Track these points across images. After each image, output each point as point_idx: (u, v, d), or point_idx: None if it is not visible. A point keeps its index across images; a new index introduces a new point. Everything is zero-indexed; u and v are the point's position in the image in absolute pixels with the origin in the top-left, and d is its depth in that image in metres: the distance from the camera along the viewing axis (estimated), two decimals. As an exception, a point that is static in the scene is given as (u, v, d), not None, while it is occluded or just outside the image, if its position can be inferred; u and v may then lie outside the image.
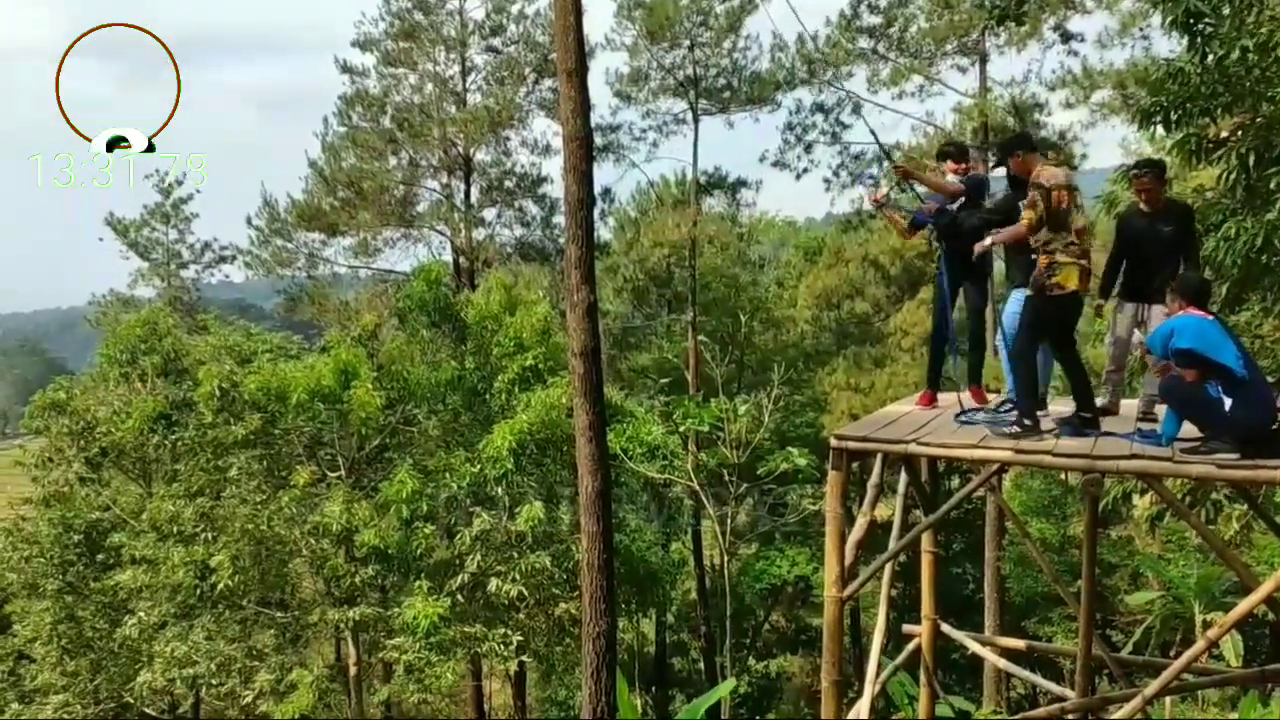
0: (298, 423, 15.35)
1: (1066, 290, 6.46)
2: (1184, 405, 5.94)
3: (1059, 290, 6.46)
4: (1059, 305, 6.56)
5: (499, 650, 14.48)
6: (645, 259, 27.51)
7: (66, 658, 17.22)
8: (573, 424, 9.74)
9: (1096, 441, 6.31)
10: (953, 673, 22.02)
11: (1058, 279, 6.45)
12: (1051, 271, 6.47)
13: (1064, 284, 6.44)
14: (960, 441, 6.60)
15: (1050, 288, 6.48)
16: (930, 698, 9.28)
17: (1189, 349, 5.74)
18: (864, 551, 7.52)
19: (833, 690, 7.33)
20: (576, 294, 8.95)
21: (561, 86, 9.31)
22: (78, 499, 17.75)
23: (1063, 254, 6.44)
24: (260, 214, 24.34)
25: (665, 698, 27.21)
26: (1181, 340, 5.78)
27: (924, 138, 22.68)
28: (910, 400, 8.62)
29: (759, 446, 17.31)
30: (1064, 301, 6.53)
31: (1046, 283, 6.49)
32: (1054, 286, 6.46)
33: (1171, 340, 5.85)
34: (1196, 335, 5.77)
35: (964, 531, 25.47)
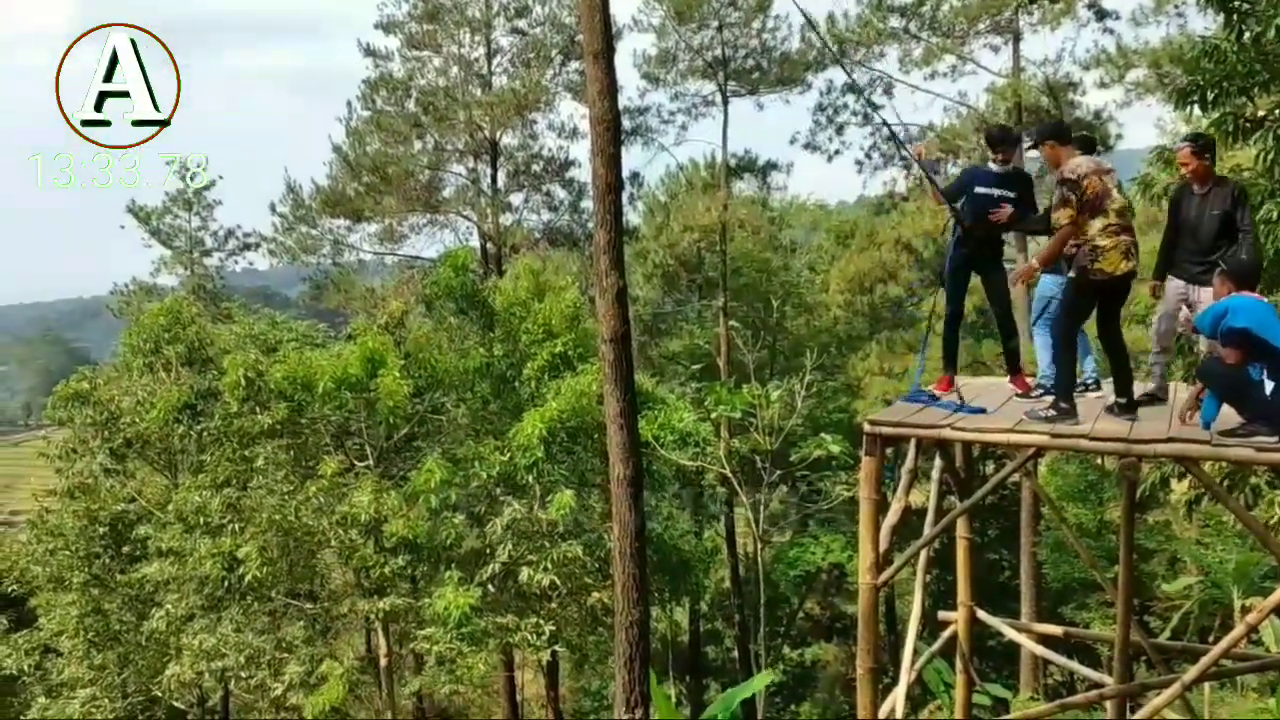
0: (325, 412, 15.51)
1: (1109, 274, 6.50)
2: (1224, 388, 5.98)
3: (1102, 275, 6.51)
4: (1101, 289, 6.61)
5: (531, 640, 14.54)
6: (675, 243, 27.60)
7: (94, 651, 17.28)
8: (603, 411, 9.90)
9: (1133, 425, 6.37)
10: (989, 660, 22.09)
11: (1100, 264, 6.49)
12: (1095, 256, 6.51)
13: (1106, 268, 6.48)
14: (995, 425, 6.69)
15: (1094, 272, 6.52)
16: (966, 685, 9.37)
17: (1244, 328, 5.74)
18: (898, 538, 7.62)
19: (868, 678, 7.44)
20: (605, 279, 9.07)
21: (588, 68, 9.41)
22: (102, 490, 17.80)
23: (1103, 237, 6.47)
24: (284, 200, 24.65)
25: (699, 687, 27.45)
26: (1237, 320, 5.78)
27: (957, 118, 22.62)
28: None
29: (792, 433, 17.40)
30: (1106, 285, 6.58)
31: (1090, 267, 6.53)
32: (1097, 271, 6.51)
33: (1225, 320, 5.85)
34: (1253, 316, 5.78)
35: (1000, 517, 25.47)
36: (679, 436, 16.81)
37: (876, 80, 23.79)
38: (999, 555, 25.65)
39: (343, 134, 23.79)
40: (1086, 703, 8.82)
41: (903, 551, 7.86)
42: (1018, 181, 7.84)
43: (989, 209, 7.71)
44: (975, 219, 7.79)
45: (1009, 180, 7.77)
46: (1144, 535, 20.17)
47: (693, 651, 28.26)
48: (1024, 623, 14.29)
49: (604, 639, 16.15)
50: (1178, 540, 20.04)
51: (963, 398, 7.48)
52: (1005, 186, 7.74)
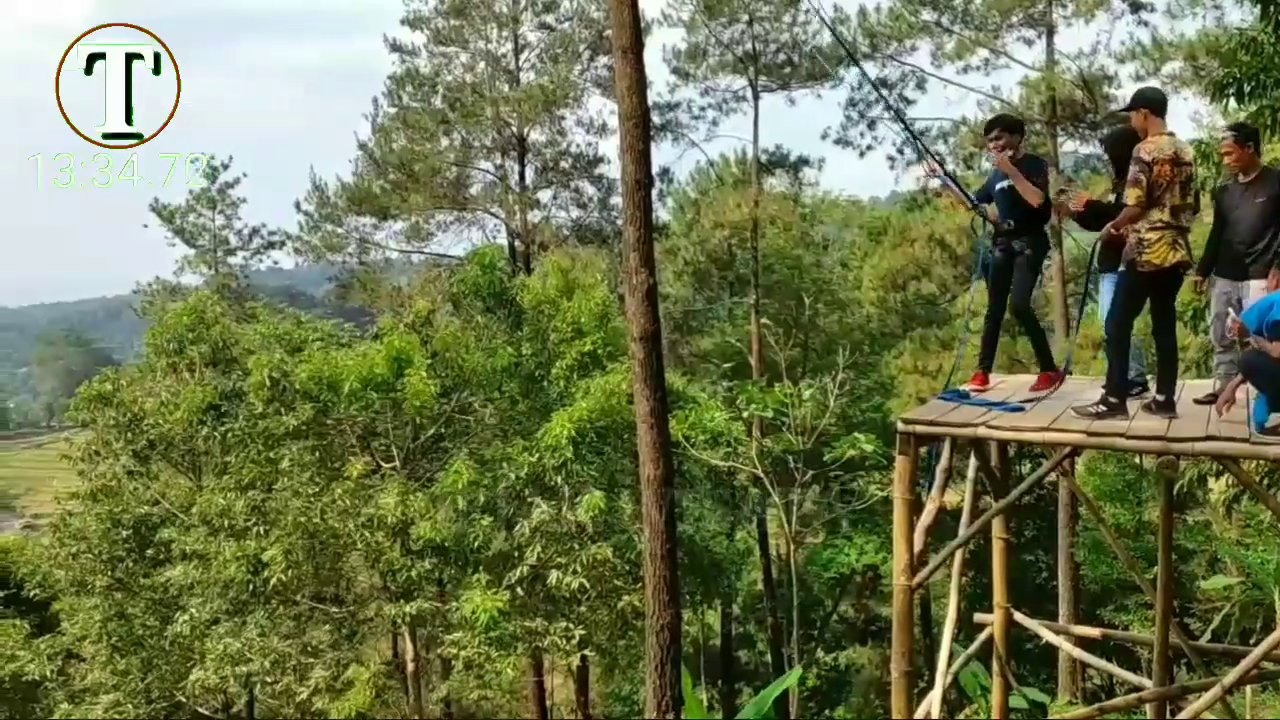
0: (350, 412, 15.63)
1: (1158, 265, 6.54)
2: (1269, 383, 6.01)
3: (1150, 267, 6.56)
4: (1150, 281, 6.66)
5: (560, 645, 14.63)
6: (706, 240, 27.73)
7: (117, 656, 17.28)
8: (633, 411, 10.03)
9: (1172, 422, 6.42)
10: (1026, 663, 22.02)
11: (1148, 255, 6.54)
12: (1141, 248, 6.57)
13: (1154, 260, 6.52)
14: (1030, 424, 6.75)
15: (1141, 264, 6.58)
16: (1003, 689, 9.39)
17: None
18: (933, 539, 7.67)
19: (903, 682, 7.48)
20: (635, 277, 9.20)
21: (617, 64, 9.54)
22: (126, 493, 17.76)
23: (1150, 230, 6.52)
24: (309, 198, 25.00)
25: (732, 691, 27.54)
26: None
27: (990, 112, 22.57)
28: (1006, 380, 8.72)
29: (824, 432, 17.44)
30: (1156, 277, 6.62)
31: (1137, 259, 6.59)
32: (1145, 264, 6.56)
33: (1271, 313, 5.88)
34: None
35: (1036, 518, 25.40)
36: (710, 436, 16.87)
37: (908, 75, 23.82)
38: (1036, 556, 25.56)
39: (369, 131, 24.14)
40: (1125, 706, 8.82)
41: (938, 553, 7.91)
42: (1025, 168, 7.86)
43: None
44: (1002, 215, 7.93)
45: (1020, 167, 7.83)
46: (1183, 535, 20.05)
47: (725, 655, 28.36)
48: (1061, 625, 14.29)
49: (635, 643, 16.22)
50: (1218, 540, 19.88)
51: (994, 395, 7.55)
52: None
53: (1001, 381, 8.47)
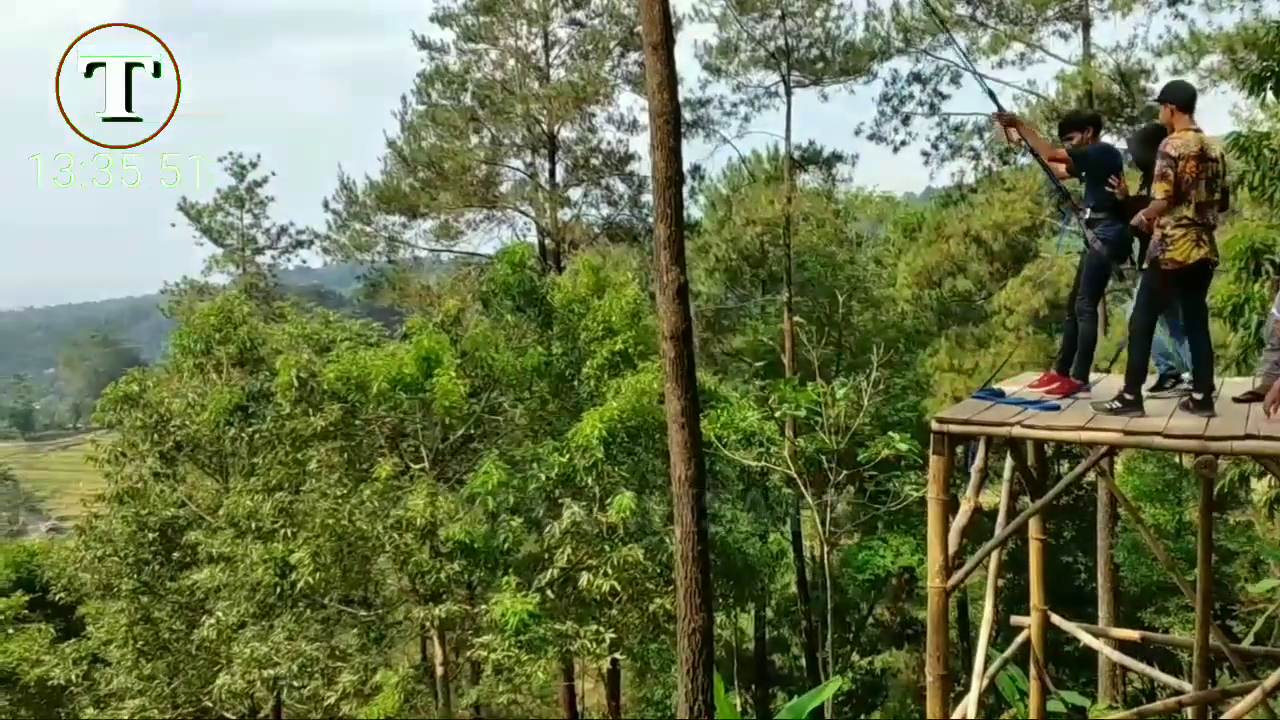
0: (379, 413, 15.87)
1: (1180, 263, 6.61)
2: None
3: (1173, 264, 6.63)
4: (1175, 279, 6.73)
5: (591, 648, 14.68)
6: (738, 238, 27.79)
7: (143, 660, 17.37)
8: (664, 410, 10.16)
9: (1210, 421, 6.46)
10: (1064, 666, 21.96)
11: (1171, 253, 6.61)
12: (1165, 245, 6.64)
13: (1176, 257, 6.60)
14: (1066, 423, 6.82)
15: (1164, 262, 6.65)
16: (1041, 692, 9.43)
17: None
18: (969, 541, 7.73)
19: (938, 685, 7.54)
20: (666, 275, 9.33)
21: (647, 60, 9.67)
22: (152, 495, 17.82)
23: (1174, 227, 6.60)
24: (338, 196, 25.30)
25: (765, 696, 27.57)
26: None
27: (1026, 107, 22.51)
28: (1018, 380, 8.78)
29: (859, 432, 17.43)
30: (1180, 275, 6.69)
31: (1160, 256, 6.67)
32: (1168, 261, 6.63)
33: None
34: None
35: (1075, 518, 25.30)
36: (743, 436, 16.91)
37: (943, 69, 23.82)
38: (1074, 558, 25.46)
39: (398, 129, 24.41)
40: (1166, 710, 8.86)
41: (973, 554, 7.97)
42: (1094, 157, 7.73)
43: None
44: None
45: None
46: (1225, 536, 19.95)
47: (758, 659, 28.41)
48: (1101, 628, 14.24)
49: (666, 646, 16.30)
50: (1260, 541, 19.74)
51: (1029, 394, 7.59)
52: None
53: None
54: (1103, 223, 7.41)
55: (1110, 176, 7.40)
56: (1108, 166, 7.48)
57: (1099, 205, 7.42)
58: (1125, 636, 11.10)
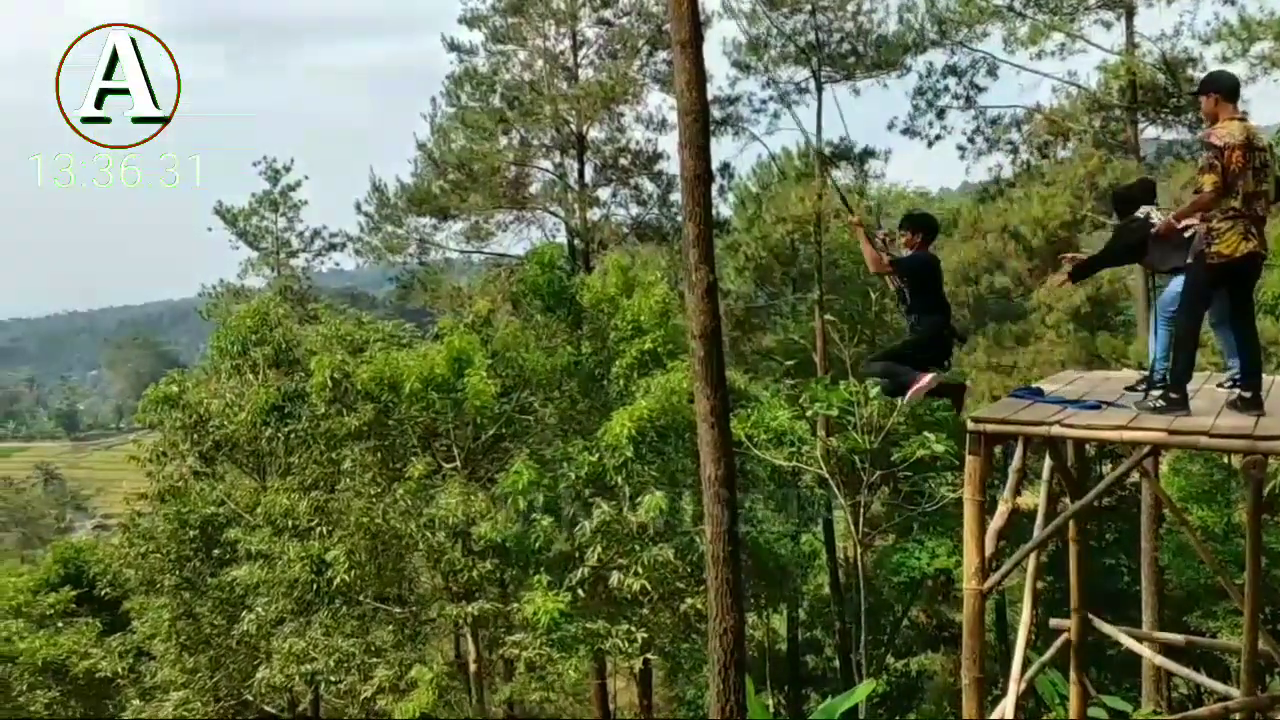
0: (411, 413, 15.95)
1: (1228, 256, 6.40)
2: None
3: (1219, 258, 6.42)
4: (1221, 274, 6.52)
5: (623, 647, 14.70)
6: (768, 235, 27.58)
7: (185, 654, 17.87)
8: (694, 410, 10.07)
9: (1259, 420, 6.26)
10: (1106, 671, 21.55)
11: (1218, 246, 6.41)
12: (1211, 238, 6.43)
13: (1224, 250, 6.39)
14: (1108, 422, 6.64)
15: (1211, 256, 6.44)
16: (1081, 697, 9.24)
17: None
18: (1006, 542, 7.59)
19: (974, 688, 7.43)
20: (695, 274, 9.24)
21: (676, 58, 9.59)
22: (193, 493, 18.22)
23: (1221, 220, 6.39)
24: (369, 199, 25.44)
25: (798, 697, 27.40)
26: None
27: (1066, 99, 22.05)
28: (1058, 379, 8.58)
29: (893, 431, 17.23)
30: (1227, 269, 6.48)
31: (1206, 250, 6.46)
32: (1214, 255, 6.43)
33: None
34: None
35: (1116, 520, 24.83)
36: (773, 435, 16.82)
37: (980, 61, 23.41)
38: (1116, 561, 25.00)
39: (428, 131, 24.49)
40: (1213, 716, 8.61)
41: (1011, 556, 7.81)
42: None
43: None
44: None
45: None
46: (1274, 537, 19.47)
47: (791, 660, 28.22)
48: (1144, 631, 13.95)
49: (698, 646, 16.24)
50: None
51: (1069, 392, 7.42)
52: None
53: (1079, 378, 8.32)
54: (918, 318, 8.05)
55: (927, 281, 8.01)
56: (922, 275, 8.03)
57: (911, 308, 8.08)
58: (1170, 640, 10.84)
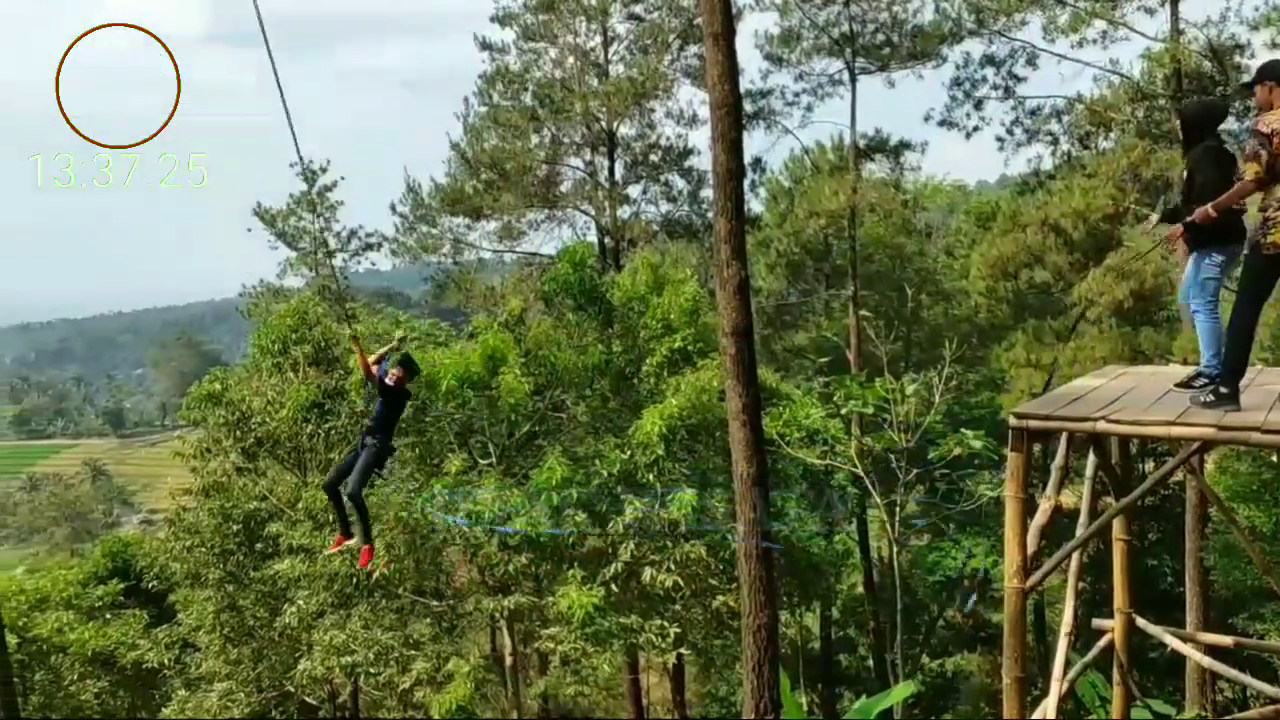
0: (448, 410, 16.05)
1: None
2: None
3: (1274, 249, 6.18)
4: (1276, 263, 6.28)
5: (656, 642, 14.69)
6: (800, 231, 27.34)
7: (229, 646, 18.29)
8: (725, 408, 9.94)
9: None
10: (1149, 673, 21.13)
11: (1273, 235, 6.16)
12: (1266, 228, 6.19)
13: (1279, 240, 6.15)
14: (1155, 418, 6.42)
15: (1266, 246, 6.20)
16: (1125, 699, 9.00)
17: None
18: (1047, 541, 7.39)
19: (1015, 688, 7.26)
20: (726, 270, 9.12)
21: (708, 51, 9.48)
22: (235, 489, 18.53)
23: (1277, 209, 6.14)
24: (404, 199, 25.56)
25: (832, 695, 27.20)
26: None
27: (1108, 88, 21.52)
28: (1102, 374, 8.34)
29: (929, 429, 16.97)
30: None
31: (1263, 241, 6.22)
32: (1270, 245, 6.19)
33: None
34: None
35: (1161, 519, 24.29)
36: (806, 434, 16.66)
37: (1019, 51, 22.94)
38: (1160, 561, 24.48)
39: (461, 131, 24.53)
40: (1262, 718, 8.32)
41: (1052, 555, 7.60)
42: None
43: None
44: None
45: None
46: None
47: (824, 659, 28.00)
48: (1189, 632, 13.59)
49: (731, 643, 16.14)
50: (1361, 542, 18.71)
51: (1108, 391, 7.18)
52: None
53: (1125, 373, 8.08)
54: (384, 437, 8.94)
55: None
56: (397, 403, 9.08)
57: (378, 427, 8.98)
58: (1217, 642, 10.52)
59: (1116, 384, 7.74)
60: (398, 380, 8.93)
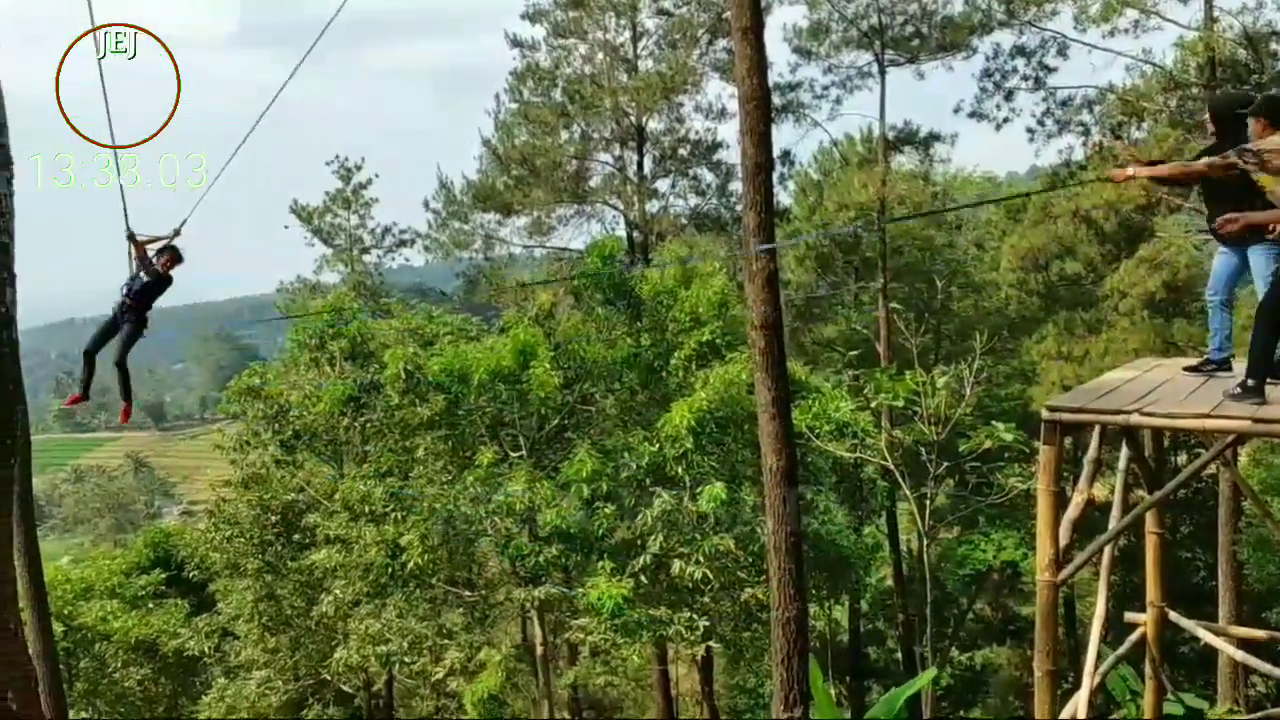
0: (480, 403, 16.08)
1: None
2: None
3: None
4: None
5: (684, 634, 14.66)
6: (829, 223, 27.13)
7: (267, 635, 18.57)
8: (754, 401, 9.90)
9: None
10: (1181, 667, 20.86)
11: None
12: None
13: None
14: (1189, 411, 6.31)
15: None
16: (1156, 692, 8.86)
17: None
18: (1079, 535, 7.30)
19: (1046, 681, 7.18)
20: (755, 263, 9.08)
21: (736, 45, 9.43)
22: (274, 481, 18.81)
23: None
24: (436, 196, 25.71)
25: (861, 688, 27.07)
26: None
27: (1140, 78, 21.12)
28: (1135, 366, 8.20)
29: (960, 422, 16.80)
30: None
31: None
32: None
33: None
34: None
35: (1194, 513, 23.92)
36: (836, 427, 16.55)
37: (1049, 41, 22.59)
38: (1193, 554, 24.13)
39: (492, 128, 24.61)
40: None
41: (1083, 549, 7.50)
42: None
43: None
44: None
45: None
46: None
47: (853, 652, 27.86)
48: (1222, 626, 13.37)
49: (760, 635, 16.08)
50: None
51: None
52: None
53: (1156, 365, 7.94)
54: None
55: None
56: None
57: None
58: (1251, 636, 10.33)
59: (1149, 376, 7.62)
60: (165, 266, 9.50)
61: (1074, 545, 7.20)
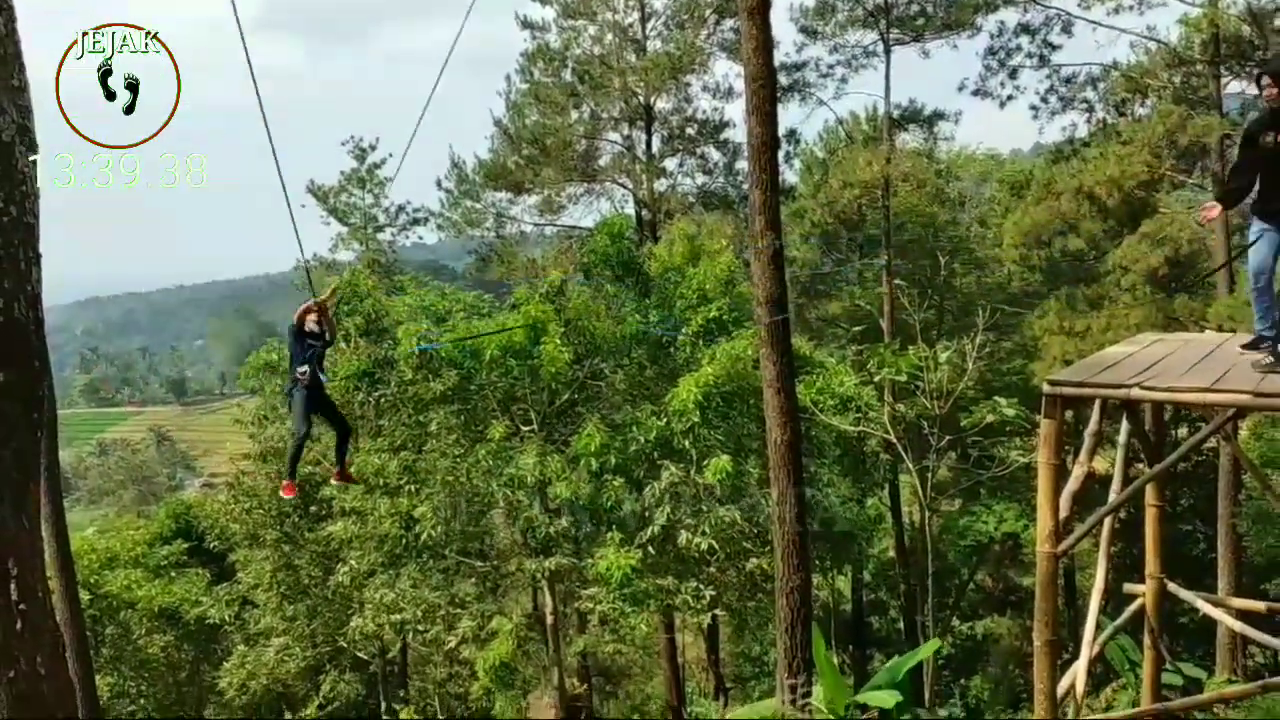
0: (492, 378, 16.13)
1: None
2: None
3: None
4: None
5: (691, 603, 14.75)
6: (834, 201, 26.91)
7: (285, 603, 18.81)
8: (760, 376, 9.85)
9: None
10: (1180, 638, 20.83)
11: None
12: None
13: None
14: (1189, 384, 6.23)
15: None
16: (1155, 663, 8.84)
17: None
18: (1079, 507, 7.25)
19: (1045, 650, 7.16)
20: (761, 240, 9.00)
21: (743, 25, 9.31)
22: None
23: None
24: (449, 175, 25.62)
25: (863, 657, 27.16)
26: None
27: (1145, 55, 20.83)
28: (1136, 342, 8.12)
29: (962, 396, 16.74)
30: None
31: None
32: None
33: None
34: None
35: (1194, 485, 23.82)
36: (840, 401, 16.51)
37: (1053, 18, 22.27)
38: (1193, 527, 24.04)
39: (503, 108, 24.48)
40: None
41: (1084, 521, 7.45)
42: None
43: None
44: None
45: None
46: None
47: (856, 622, 27.94)
48: (1221, 597, 13.34)
49: (764, 604, 16.16)
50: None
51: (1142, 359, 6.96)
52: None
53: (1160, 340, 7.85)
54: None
55: None
56: None
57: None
58: (1249, 607, 10.28)
59: (1150, 351, 7.54)
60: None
61: (1074, 517, 7.15)
